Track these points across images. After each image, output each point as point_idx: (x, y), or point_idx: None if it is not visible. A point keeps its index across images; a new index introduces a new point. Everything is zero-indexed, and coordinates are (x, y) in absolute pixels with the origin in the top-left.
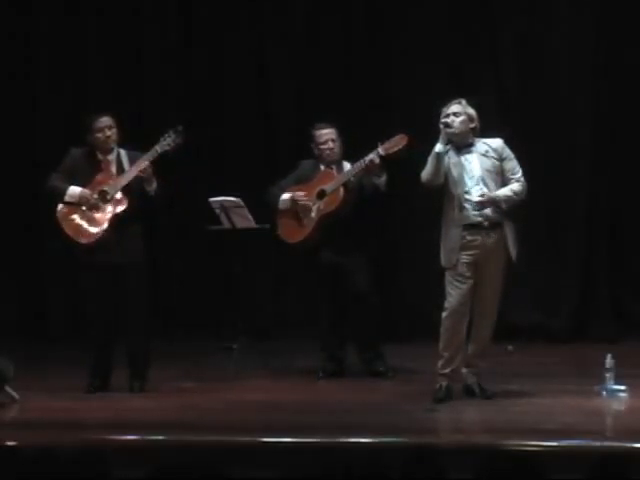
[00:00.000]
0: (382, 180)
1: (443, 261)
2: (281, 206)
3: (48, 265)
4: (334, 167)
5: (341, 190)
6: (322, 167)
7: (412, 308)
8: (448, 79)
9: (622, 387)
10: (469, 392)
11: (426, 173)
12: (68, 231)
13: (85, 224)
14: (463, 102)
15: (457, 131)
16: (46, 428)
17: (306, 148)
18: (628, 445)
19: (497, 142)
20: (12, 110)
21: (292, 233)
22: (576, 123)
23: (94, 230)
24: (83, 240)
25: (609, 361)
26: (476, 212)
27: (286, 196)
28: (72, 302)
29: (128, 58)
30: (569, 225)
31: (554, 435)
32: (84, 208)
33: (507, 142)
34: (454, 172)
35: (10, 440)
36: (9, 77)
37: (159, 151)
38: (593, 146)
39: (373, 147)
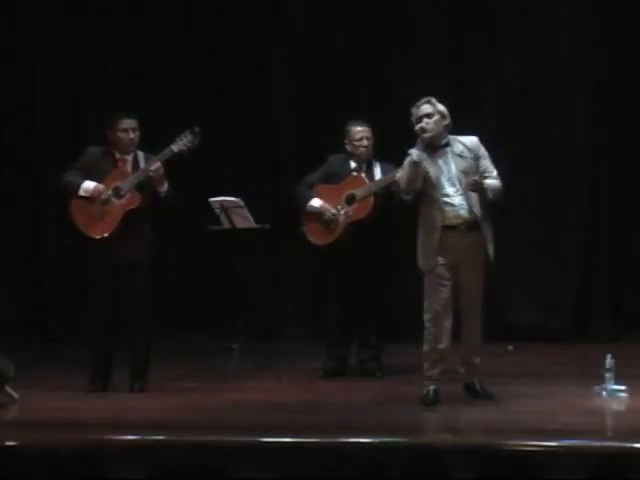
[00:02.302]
0: (409, 197)
1: (421, 264)
2: (309, 210)
3: (48, 265)
4: (364, 166)
5: (371, 199)
6: (352, 164)
7: (412, 308)
8: (449, 79)
9: (622, 387)
10: (470, 391)
11: (405, 180)
12: (80, 225)
13: (97, 219)
14: (432, 100)
15: (433, 133)
16: (46, 428)
17: (306, 147)
18: (628, 445)
19: (472, 140)
20: (12, 111)
21: (318, 235)
22: (577, 124)
23: (105, 225)
24: (94, 234)
25: (609, 361)
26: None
27: (315, 203)
28: (72, 302)
29: (127, 58)
30: (569, 225)
31: (554, 435)
32: (97, 203)
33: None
34: (432, 175)
35: (10, 440)
36: (9, 78)
37: (175, 150)
38: (593, 146)
39: None
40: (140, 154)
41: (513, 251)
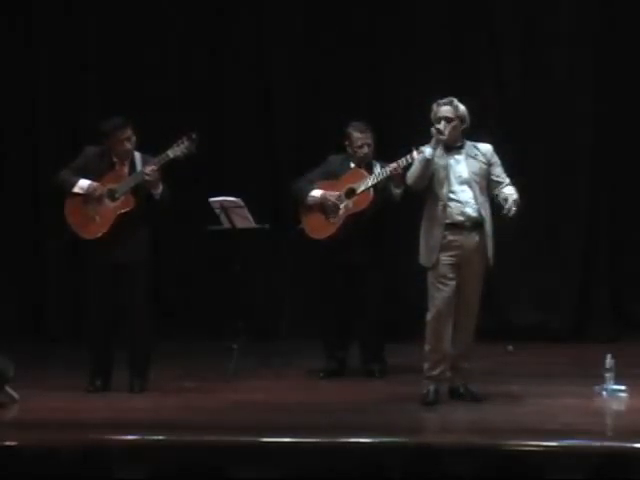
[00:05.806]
0: (399, 191)
1: (423, 260)
2: (309, 201)
3: (48, 265)
4: (363, 166)
5: (371, 191)
6: (352, 164)
7: (412, 308)
8: (448, 79)
9: (622, 387)
10: (455, 394)
11: (413, 176)
12: (73, 226)
13: (90, 220)
14: (454, 102)
15: (449, 138)
16: (46, 428)
17: (306, 148)
18: (628, 445)
19: (486, 147)
20: (12, 111)
21: (318, 229)
22: (577, 124)
23: (98, 226)
24: (87, 236)
25: (609, 361)
26: (508, 212)
27: (316, 193)
28: (72, 302)
29: (127, 59)
30: (569, 225)
31: (554, 435)
32: (91, 201)
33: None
34: (441, 172)
35: (10, 440)
36: (9, 78)
37: (171, 156)
38: (593, 146)
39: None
40: (137, 155)
41: (513, 251)
